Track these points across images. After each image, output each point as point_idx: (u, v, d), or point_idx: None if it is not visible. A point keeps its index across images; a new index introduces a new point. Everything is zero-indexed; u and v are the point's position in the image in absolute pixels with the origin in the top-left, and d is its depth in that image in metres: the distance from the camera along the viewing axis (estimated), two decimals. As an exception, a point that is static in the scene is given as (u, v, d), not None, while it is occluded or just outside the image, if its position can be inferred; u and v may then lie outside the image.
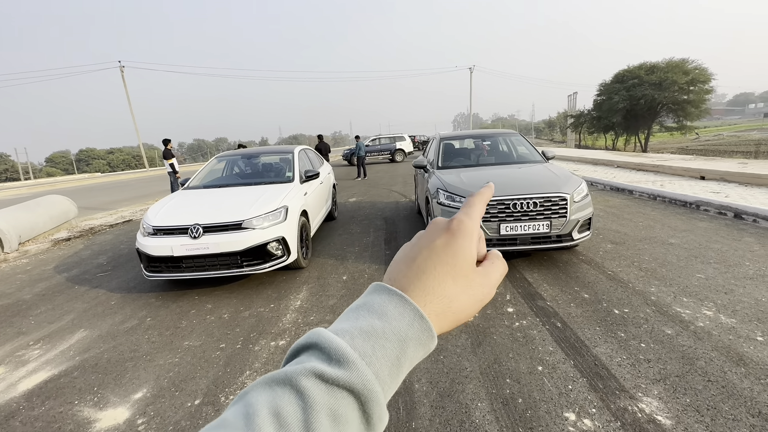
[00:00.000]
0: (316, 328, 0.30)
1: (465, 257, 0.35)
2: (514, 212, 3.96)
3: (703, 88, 24.99)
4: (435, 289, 0.34)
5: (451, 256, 0.35)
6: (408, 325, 0.31)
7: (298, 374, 0.27)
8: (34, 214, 7.21)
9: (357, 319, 0.31)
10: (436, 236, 0.37)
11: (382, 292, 0.33)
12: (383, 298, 0.33)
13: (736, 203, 5.79)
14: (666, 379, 2.24)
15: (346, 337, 0.30)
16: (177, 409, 2.33)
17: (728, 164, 9.87)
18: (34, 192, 21.20)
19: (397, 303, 0.32)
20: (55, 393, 2.57)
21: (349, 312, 0.33)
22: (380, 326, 0.30)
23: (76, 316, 3.81)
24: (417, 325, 0.31)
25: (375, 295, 0.33)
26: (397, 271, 0.36)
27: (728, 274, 3.65)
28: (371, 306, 0.32)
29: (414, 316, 0.31)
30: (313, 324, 3.28)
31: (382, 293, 0.33)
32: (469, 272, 0.35)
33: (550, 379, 2.34)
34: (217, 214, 4.02)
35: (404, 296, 0.32)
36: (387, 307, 0.32)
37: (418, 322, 0.31)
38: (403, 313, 0.31)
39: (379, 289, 0.34)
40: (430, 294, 0.33)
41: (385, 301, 0.32)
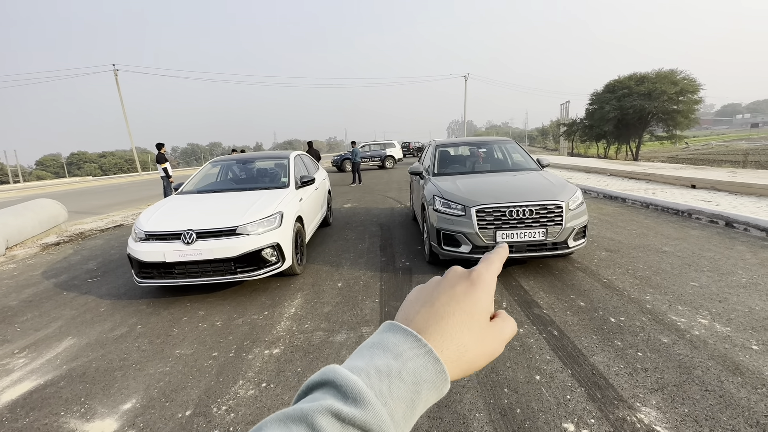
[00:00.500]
0: (331, 365, 0.30)
1: (482, 308, 0.36)
2: (510, 219, 3.96)
3: (692, 98, 25.50)
4: (452, 335, 0.34)
5: (470, 305, 0.35)
6: (423, 366, 0.30)
7: (314, 412, 0.26)
8: (22, 218, 7.08)
9: (372, 358, 0.31)
10: (456, 283, 0.37)
11: (397, 331, 0.33)
12: (398, 338, 0.32)
13: (728, 212, 5.86)
14: (664, 389, 2.24)
15: (362, 375, 0.29)
16: (167, 420, 2.26)
17: (718, 173, 10.03)
18: (24, 195, 20.85)
19: (413, 344, 0.32)
20: (40, 404, 2.49)
21: (363, 350, 0.33)
22: (395, 366, 0.30)
23: (64, 323, 3.71)
24: (432, 368, 0.31)
25: (390, 334, 0.33)
26: (414, 312, 0.36)
27: (722, 282, 3.67)
28: (386, 345, 0.32)
29: (428, 358, 0.31)
30: (307, 332, 3.23)
31: (398, 333, 0.33)
32: (485, 324, 0.36)
33: (548, 388, 2.32)
34: (211, 219, 3.96)
35: (419, 337, 0.32)
36: (402, 347, 0.31)
37: (432, 365, 0.31)
38: (418, 354, 0.31)
39: (394, 328, 0.33)
40: (447, 340, 0.33)
41: (400, 340, 0.32)
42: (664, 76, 25.40)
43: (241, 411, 2.30)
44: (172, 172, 10.59)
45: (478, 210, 4.00)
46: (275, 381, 2.57)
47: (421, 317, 0.35)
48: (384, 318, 3.39)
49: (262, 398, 2.40)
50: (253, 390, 2.49)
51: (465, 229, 4.04)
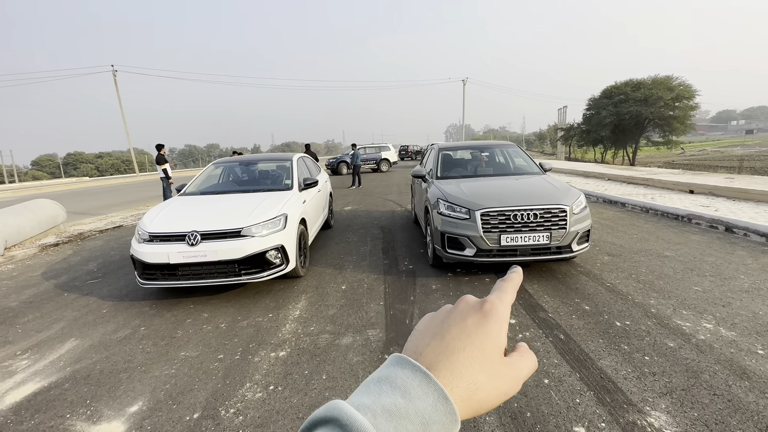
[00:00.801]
0: (336, 401, 0.28)
1: (495, 342, 0.34)
2: (514, 223, 3.98)
3: (687, 104, 25.76)
4: (462, 372, 0.32)
5: (482, 338, 0.34)
6: (432, 406, 0.29)
7: None
8: (21, 219, 7.02)
9: (380, 395, 0.29)
10: (468, 315, 0.35)
11: (405, 366, 0.31)
12: (406, 374, 0.31)
13: (727, 217, 5.91)
14: (672, 393, 2.24)
15: (369, 414, 0.28)
16: (175, 423, 2.24)
17: (716, 179, 10.11)
18: (21, 195, 20.70)
19: (422, 381, 0.30)
20: (45, 406, 2.46)
21: (369, 384, 0.31)
22: (403, 406, 0.28)
23: (66, 324, 3.68)
24: (441, 408, 0.29)
25: (398, 369, 0.31)
26: (424, 344, 0.34)
27: (724, 287, 3.70)
28: (394, 381, 0.30)
29: (438, 398, 0.29)
30: (313, 335, 3.22)
31: (406, 368, 0.31)
32: (498, 361, 0.34)
33: (557, 392, 2.32)
34: (215, 221, 3.95)
35: (429, 374, 0.30)
36: (411, 385, 0.30)
37: (442, 405, 0.29)
38: (427, 392, 0.29)
39: (402, 362, 0.32)
40: (458, 377, 0.31)
41: (408, 377, 0.30)
42: (660, 82, 25.66)
43: (249, 414, 2.28)
44: (172, 174, 10.56)
45: (482, 213, 4.01)
46: (283, 384, 2.56)
47: (431, 351, 0.33)
48: (389, 321, 3.39)
49: (270, 401, 2.39)
50: (261, 393, 2.48)
51: (469, 233, 4.05)
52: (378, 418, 0.27)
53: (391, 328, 3.26)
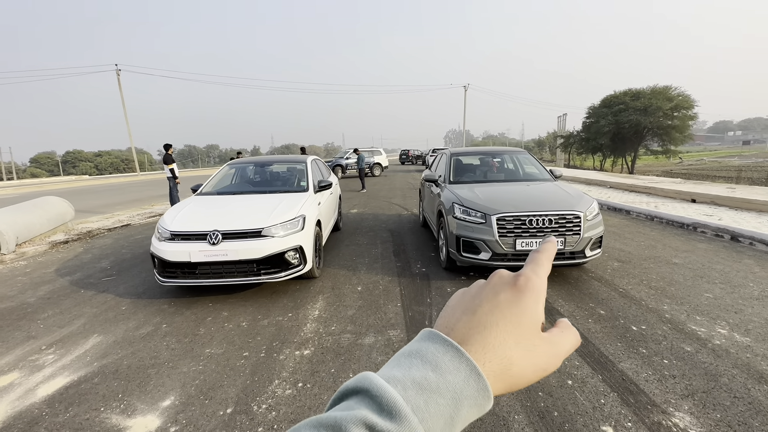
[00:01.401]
0: (366, 372, 0.29)
1: (531, 318, 0.33)
2: (529, 228, 4.06)
3: (686, 114, 26.06)
4: (496, 347, 0.31)
5: (517, 314, 0.33)
6: (463, 381, 0.28)
7: (348, 422, 0.25)
8: (31, 216, 7.04)
9: (410, 369, 0.29)
10: (501, 290, 0.34)
11: (436, 340, 0.31)
12: (437, 348, 0.30)
13: (732, 226, 6.02)
14: (694, 395, 2.31)
15: (399, 387, 0.27)
16: (209, 417, 2.29)
17: (717, 188, 10.26)
18: (21, 193, 20.65)
19: (453, 356, 0.29)
20: (78, 399, 2.50)
21: (400, 358, 0.31)
22: (434, 379, 0.28)
23: (86, 320, 3.72)
24: (473, 383, 0.28)
25: (429, 343, 0.31)
26: (455, 319, 0.34)
27: (735, 294, 3.78)
28: (425, 355, 0.30)
29: (470, 373, 0.29)
30: (335, 334, 3.27)
31: (437, 342, 0.31)
32: (534, 336, 0.33)
33: (581, 393, 2.38)
34: (236, 221, 4.01)
35: (460, 349, 0.30)
36: (442, 359, 0.29)
37: (474, 380, 0.28)
38: (459, 367, 0.29)
39: (433, 337, 0.31)
40: (490, 352, 0.31)
41: (439, 351, 0.30)
42: (659, 92, 25.96)
43: (282, 410, 2.33)
44: (179, 173, 10.60)
45: (498, 218, 4.09)
46: (311, 381, 2.61)
47: (463, 326, 0.32)
48: (408, 322, 3.45)
49: (300, 397, 2.44)
50: (291, 389, 2.53)
51: (485, 237, 4.12)
52: (408, 391, 0.27)
53: (411, 329, 3.32)
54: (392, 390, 0.27)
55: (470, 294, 0.36)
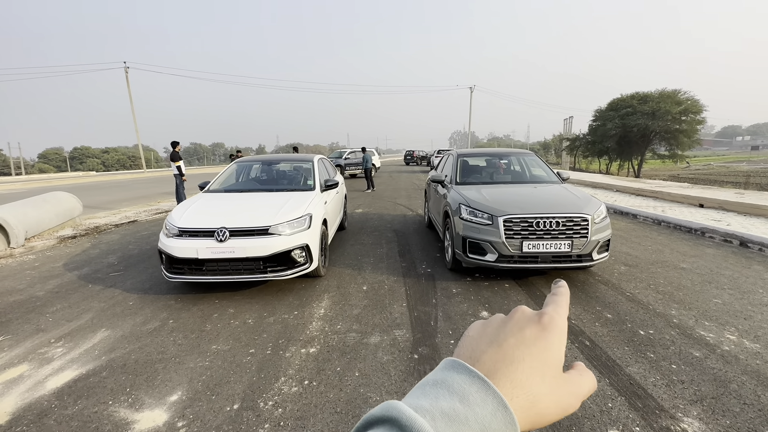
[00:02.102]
0: (393, 401, 0.28)
1: (555, 356, 0.33)
2: (536, 230, 4.04)
3: (695, 119, 25.83)
4: (523, 383, 0.31)
5: (543, 351, 0.33)
6: (491, 414, 0.28)
7: None
8: (40, 210, 7.12)
9: (437, 399, 0.29)
10: (526, 326, 0.34)
11: (461, 371, 0.30)
12: (464, 379, 0.30)
13: (741, 232, 5.96)
14: (702, 401, 2.30)
15: (428, 417, 0.27)
16: (216, 413, 2.30)
17: (726, 194, 10.16)
18: (29, 188, 20.87)
19: (480, 388, 0.29)
20: (87, 392, 2.53)
21: (425, 387, 0.30)
22: (462, 411, 0.27)
23: (94, 315, 3.75)
24: (501, 417, 0.28)
25: (454, 374, 0.30)
26: (480, 351, 0.33)
27: (744, 300, 3.75)
28: (452, 386, 0.29)
29: (498, 406, 0.28)
30: (341, 333, 3.28)
31: (462, 373, 0.30)
32: (558, 374, 0.33)
33: (588, 396, 2.37)
34: (243, 218, 4.03)
35: (488, 381, 0.29)
36: (469, 391, 0.29)
37: (501, 413, 0.28)
38: (486, 399, 0.28)
39: (458, 367, 0.31)
40: (518, 387, 0.30)
41: (466, 382, 0.29)
42: (667, 96, 25.76)
43: (288, 407, 2.34)
44: (185, 171, 10.66)
45: (505, 220, 4.07)
46: (317, 379, 2.62)
47: (489, 358, 0.32)
48: (414, 323, 3.45)
49: (307, 395, 2.45)
50: (297, 387, 2.54)
51: (492, 238, 4.11)
52: (437, 422, 0.27)
53: (417, 329, 3.32)
54: (421, 420, 0.26)
55: (493, 326, 0.36)
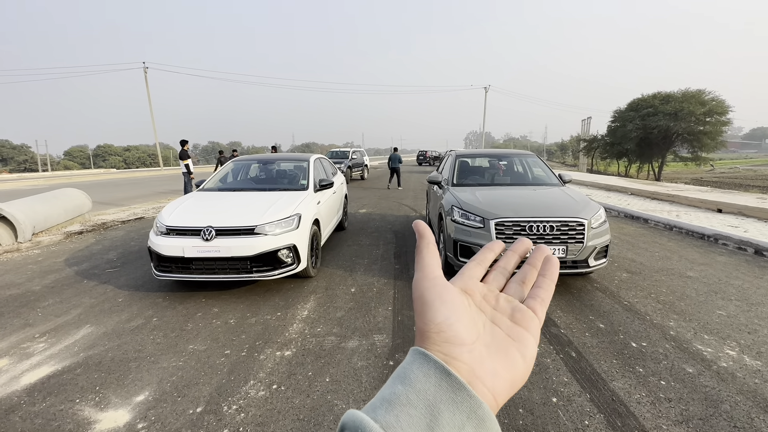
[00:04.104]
0: (351, 410, 0.27)
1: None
2: (529, 235, 3.89)
3: (719, 120, 24.81)
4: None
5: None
6: (435, 386, 0.27)
7: None
8: (49, 206, 7.31)
9: (382, 390, 0.28)
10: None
11: (410, 354, 0.30)
12: (408, 360, 0.29)
13: (757, 239, 5.63)
14: (689, 422, 2.13)
15: (369, 410, 0.26)
16: (178, 415, 2.27)
17: (746, 198, 9.68)
18: (51, 184, 21.61)
19: (421, 363, 0.28)
20: (57, 389, 2.53)
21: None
22: (403, 392, 0.27)
23: (83, 311, 3.79)
24: (446, 385, 0.27)
25: (405, 359, 0.30)
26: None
27: (751, 312, 3.52)
28: (397, 372, 0.29)
29: (441, 375, 0.27)
30: (320, 336, 3.21)
31: (410, 355, 0.30)
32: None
33: (565, 412, 2.24)
34: (230, 217, 4.01)
35: (427, 353, 0.29)
36: (410, 369, 0.28)
37: (446, 381, 0.27)
38: (428, 373, 0.27)
39: (410, 352, 0.30)
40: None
41: (408, 362, 0.29)
42: (691, 96, 24.82)
43: (251, 411, 2.29)
44: (194, 169, 10.82)
45: (497, 223, 3.94)
46: (286, 384, 2.56)
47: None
48: (396, 327, 3.36)
49: (272, 400, 2.39)
50: (264, 391, 2.48)
51: (483, 242, 3.98)
52: (377, 412, 0.26)
53: (398, 334, 3.23)
54: (361, 414, 0.25)
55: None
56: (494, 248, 0.40)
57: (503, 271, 0.39)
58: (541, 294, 0.37)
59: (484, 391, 0.28)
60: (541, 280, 0.38)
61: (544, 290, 0.37)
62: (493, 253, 0.40)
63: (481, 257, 0.39)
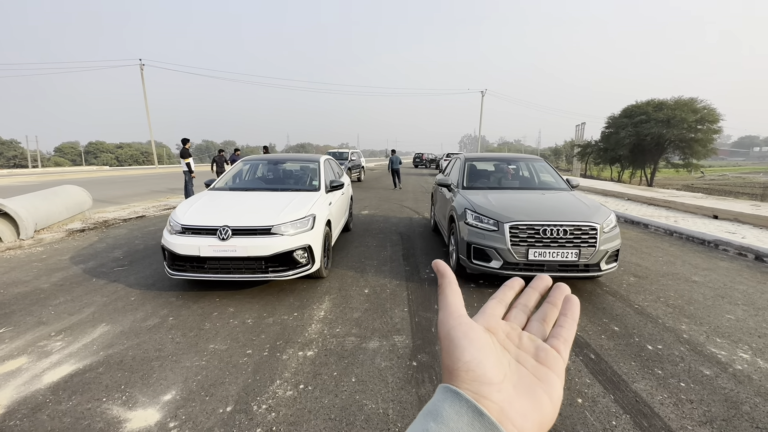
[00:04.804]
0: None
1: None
2: (543, 238, 3.95)
3: (711, 128, 25.32)
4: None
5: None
6: (468, 425, 0.27)
7: None
8: (50, 203, 7.21)
9: (413, 425, 0.29)
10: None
11: (439, 391, 0.30)
12: (438, 397, 0.30)
13: (757, 246, 5.77)
14: (712, 422, 2.19)
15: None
16: (209, 414, 2.27)
17: (741, 205, 9.88)
18: (44, 181, 21.27)
19: (453, 401, 0.29)
20: (82, 388, 2.51)
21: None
22: (435, 429, 0.27)
23: (96, 309, 3.76)
24: (479, 425, 0.27)
25: (435, 395, 0.31)
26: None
27: (758, 317, 3.61)
28: (428, 408, 0.29)
29: (474, 415, 0.28)
30: (339, 336, 3.23)
31: (440, 392, 0.30)
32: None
33: (591, 413, 2.29)
34: (246, 217, 4.01)
35: (459, 392, 0.29)
36: (442, 407, 0.28)
37: (479, 421, 0.27)
38: (460, 412, 0.28)
39: (439, 389, 0.31)
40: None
41: (439, 400, 0.29)
42: (683, 104, 25.29)
43: (281, 411, 2.30)
44: (195, 168, 10.75)
45: (512, 226, 3.99)
46: (312, 383, 2.57)
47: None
48: (414, 328, 3.39)
49: (301, 400, 2.40)
50: (292, 391, 2.49)
51: (497, 245, 4.03)
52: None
53: (417, 336, 3.25)
54: None
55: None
56: (514, 286, 0.41)
57: (524, 309, 0.40)
58: (563, 333, 0.36)
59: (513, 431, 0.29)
60: (563, 320, 0.38)
61: (566, 330, 0.37)
62: (513, 291, 0.40)
63: (501, 295, 0.40)
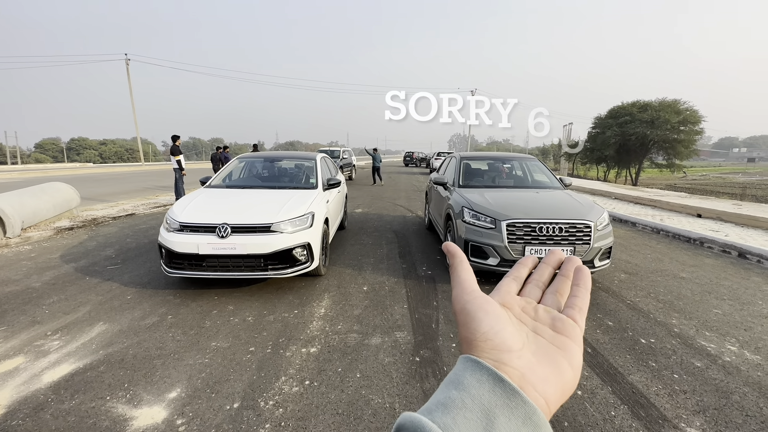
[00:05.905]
0: (406, 413, 0.28)
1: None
2: (539, 235, 4.04)
3: (693, 129, 26.05)
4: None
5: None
6: (490, 391, 0.28)
7: None
8: (38, 201, 7.04)
9: (436, 395, 0.29)
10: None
11: (461, 361, 0.31)
12: (459, 367, 0.30)
13: (740, 243, 5.99)
14: (705, 411, 2.29)
15: (424, 412, 0.27)
16: (216, 411, 2.27)
17: (724, 204, 10.21)
18: (25, 178, 20.66)
19: (473, 369, 0.29)
20: (84, 387, 2.49)
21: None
22: (458, 396, 0.27)
23: (92, 308, 3.70)
24: (500, 391, 0.28)
25: (456, 365, 0.31)
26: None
27: (744, 311, 3.76)
28: (449, 378, 0.30)
29: (495, 381, 0.28)
30: (341, 333, 3.25)
31: (461, 362, 0.31)
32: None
33: (591, 404, 2.36)
34: (245, 215, 4.00)
35: (478, 360, 0.30)
36: (463, 375, 0.29)
37: (500, 387, 0.28)
38: (481, 379, 0.28)
39: (460, 359, 0.32)
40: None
41: (460, 369, 0.30)
42: (667, 105, 25.97)
43: (289, 407, 2.32)
44: (185, 165, 10.59)
45: (509, 224, 4.07)
46: (318, 380, 2.60)
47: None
48: (415, 324, 3.43)
49: (308, 395, 2.42)
50: (298, 387, 2.51)
51: (494, 242, 4.10)
52: (433, 414, 0.27)
53: (418, 332, 3.30)
54: (418, 416, 0.26)
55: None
56: (527, 263, 0.42)
57: (538, 283, 0.40)
58: (578, 303, 0.37)
59: (536, 396, 0.29)
60: (576, 290, 0.38)
61: (580, 299, 0.37)
62: (526, 268, 0.41)
63: (515, 272, 0.41)
